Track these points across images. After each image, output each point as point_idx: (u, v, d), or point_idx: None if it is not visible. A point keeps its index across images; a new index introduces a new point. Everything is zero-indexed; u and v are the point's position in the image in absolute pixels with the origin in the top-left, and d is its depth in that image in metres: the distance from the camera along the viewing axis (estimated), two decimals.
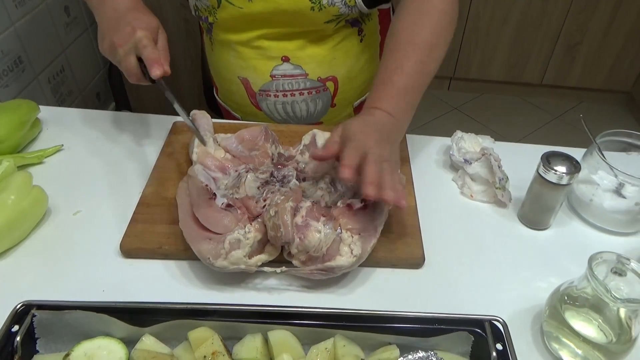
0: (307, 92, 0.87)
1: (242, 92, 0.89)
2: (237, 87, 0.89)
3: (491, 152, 0.74)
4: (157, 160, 0.78)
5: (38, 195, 0.68)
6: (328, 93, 0.89)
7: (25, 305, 0.53)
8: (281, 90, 0.86)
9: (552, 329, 0.55)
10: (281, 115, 0.90)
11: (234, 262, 0.57)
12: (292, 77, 0.86)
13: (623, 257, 0.52)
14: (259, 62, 0.85)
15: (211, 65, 0.93)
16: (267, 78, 0.85)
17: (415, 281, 0.64)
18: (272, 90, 0.87)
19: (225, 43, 0.85)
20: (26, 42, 1.32)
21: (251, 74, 0.86)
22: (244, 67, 0.86)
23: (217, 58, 0.89)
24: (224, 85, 0.93)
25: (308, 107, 0.89)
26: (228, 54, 0.86)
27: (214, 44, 0.88)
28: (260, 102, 0.89)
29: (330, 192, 0.66)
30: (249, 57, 0.85)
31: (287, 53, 0.84)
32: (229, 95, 0.94)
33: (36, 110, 0.83)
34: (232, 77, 0.88)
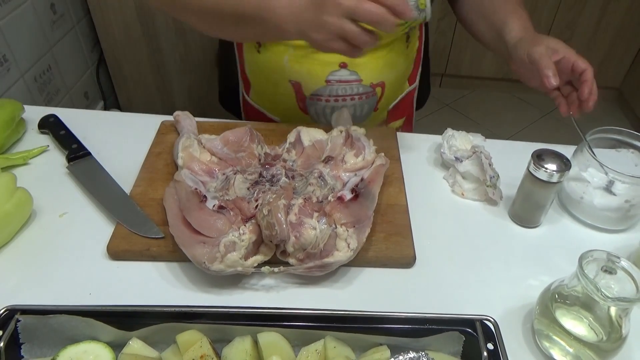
0: (357, 97, 0.87)
1: (290, 96, 0.88)
2: (286, 90, 0.87)
3: (482, 150, 0.73)
4: (145, 160, 0.77)
5: (22, 197, 0.66)
6: (375, 98, 0.89)
7: (9, 310, 0.52)
8: (334, 95, 0.86)
9: (543, 328, 0.55)
10: (327, 119, 0.90)
11: (231, 265, 0.57)
12: (347, 82, 0.85)
13: (613, 255, 0.51)
14: (315, 67, 0.84)
15: (252, 66, 0.90)
16: (321, 83, 0.85)
17: (406, 280, 0.64)
18: (324, 95, 0.86)
19: (280, 45, 0.83)
20: (11, 41, 1.30)
21: (305, 78, 0.85)
22: (298, 71, 0.84)
23: (265, 61, 0.86)
24: (266, 87, 0.90)
25: (355, 112, 0.89)
26: (281, 57, 0.84)
27: (263, 46, 0.85)
28: (310, 106, 0.88)
29: (320, 187, 0.66)
30: (306, 61, 0.83)
31: (346, 59, 0.83)
32: (271, 97, 0.91)
33: (20, 110, 0.82)
34: (282, 81, 0.87)
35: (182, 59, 1.77)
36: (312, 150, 0.74)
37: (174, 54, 1.76)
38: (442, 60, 2.40)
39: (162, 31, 1.69)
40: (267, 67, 0.87)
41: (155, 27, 1.68)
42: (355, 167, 0.70)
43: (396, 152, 0.80)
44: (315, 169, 0.68)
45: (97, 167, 0.76)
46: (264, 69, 0.88)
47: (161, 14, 1.65)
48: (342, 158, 0.71)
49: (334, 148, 0.73)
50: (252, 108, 0.95)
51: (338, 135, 0.75)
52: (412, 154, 0.83)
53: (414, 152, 0.83)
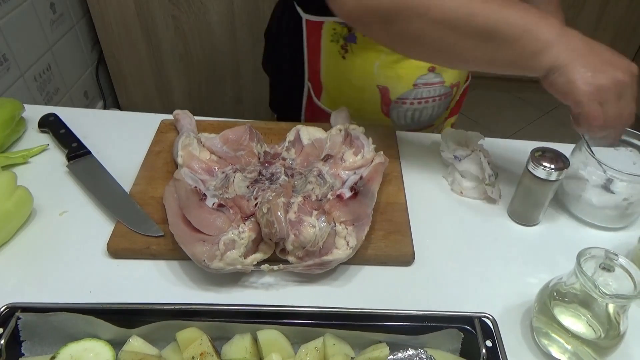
0: (438, 99, 0.89)
1: (375, 100, 0.88)
2: (371, 95, 0.88)
3: (481, 149, 0.74)
4: (145, 158, 0.77)
5: (23, 196, 0.67)
6: (451, 97, 0.91)
7: (10, 307, 0.52)
8: (418, 98, 0.87)
9: (541, 325, 0.56)
10: (407, 121, 0.91)
11: (230, 263, 0.57)
12: (432, 85, 0.86)
13: (611, 252, 0.52)
14: (405, 71, 0.84)
15: (333, 72, 0.89)
16: (409, 87, 0.86)
17: (405, 278, 0.64)
18: (409, 98, 0.87)
19: (371, 51, 0.83)
20: (11, 40, 1.30)
21: (394, 82, 0.86)
22: (388, 76, 0.85)
23: (351, 66, 0.86)
24: (347, 92, 0.90)
25: (432, 113, 0.91)
26: (371, 63, 0.84)
27: (349, 51, 0.84)
28: (393, 109, 0.89)
29: (320, 185, 0.66)
30: (396, 66, 0.84)
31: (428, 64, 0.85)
32: (350, 101, 0.89)
33: (20, 109, 0.82)
34: (368, 86, 0.87)
35: (181, 58, 1.77)
36: (311, 148, 0.74)
37: (173, 54, 1.76)
38: None
39: (161, 30, 1.69)
40: (353, 73, 0.87)
41: (154, 27, 1.69)
42: (355, 166, 0.70)
43: (395, 150, 0.80)
44: (315, 167, 0.69)
45: (97, 166, 0.76)
46: (348, 75, 0.87)
47: (160, 13, 1.65)
48: (341, 156, 0.71)
49: (333, 146, 0.73)
50: (323, 113, 0.94)
51: (337, 133, 0.75)
52: (411, 152, 0.83)
53: (413, 150, 0.83)
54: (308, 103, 0.95)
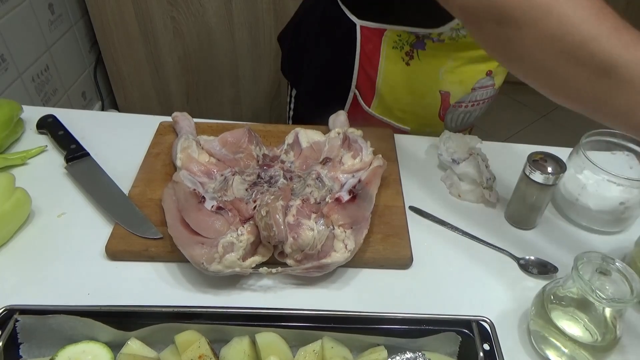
0: (486, 101, 0.91)
1: (435, 105, 0.89)
2: (432, 100, 0.89)
3: (479, 152, 0.74)
4: (143, 160, 0.77)
5: (21, 197, 0.66)
6: (492, 100, 0.93)
7: (8, 310, 0.52)
8: (473, 100, 0.89)
9: (538, 328, 0.56)
10: (455, 123, 0.92)
11: (229, 266, 0.57)
12: (485, 88, 0.88)
13: (608, 257, 0.52)
14: (467, 76, 0.86)
15: (389, 77, 0.87)
16: (467, 91, 0.87)
17: (403, 281, 0.64)
18: (465, 102, 0.89)
19: (438, 58, 0.84)
20: (9, 40, 1.30)
21: (456, 87, 0.87)
22: (452, 81, 0.86)
23: (414, 72, 0.85)
24: (406, 98, 0.89)
25: (478, 114, 0.93)
26: (436, 69, 0.85)
27: (415, 57, 0.84)
28: (449, 113, 0.90)
29: (318, 188, 0.66)
30: (459, 71, 0.85)
31: (492, 67, 0.86)
32: (408, 108, 0.88)
33: (19, 110, 0.82)
34: (431, 91, 0.87)
35: (180, 60, 1.77)
36: (310, 151, 0.74)
37: (172, 55, 1.76)
38: None
39: (160, 31, 1.69)
40: (417, 79, 0.86)
41: (153, 28, 1.69)
42: (353, 169, 0.70)
43: (393, 153, 0.80)
44: (313, 170, 0.69)
45: (96, 168, 0.76)
46: (411, 81, 0.86)
47: (159, 15, 1.65)
48: (339, 159, 0.71)
49: (332, 149, 0.73)
50: (372, 119, 0.92)
51: (336, 137, 0.75)
52: (409, 155, 0.83)
53: (411, 153, 0.84)
54: (352, 110, 0.92)
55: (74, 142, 0.79)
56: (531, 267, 0.66)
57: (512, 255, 0.67)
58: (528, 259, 0.67)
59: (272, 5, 1.63)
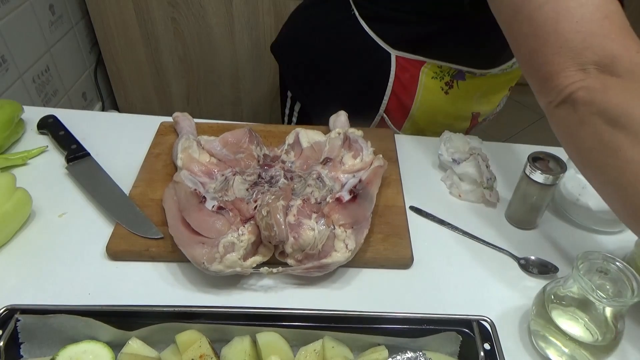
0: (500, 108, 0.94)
1: (464, 124, 0.92)
2: (463, 120, 0.91)
3: (479, 152, 0.74)
4: (144, 161, 0.77)
5: (22, 197, 0.67)
6: None
7: (9, 309, 0.52)
8: (494, 113, 0.91)
9: (539, 328, 0.56)
10: None
11: (230, 266, 0.57)
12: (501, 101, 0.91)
13: (609, 256, 0.52)
14: (496, 96, 0.88)
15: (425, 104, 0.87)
16: (494, 107, 0.90)
17: (404, 281, 0.64)
18: (489, 117, 0.91)
19: (477, 86, 0.85)
20: (10, 41, 1.30)
21: (485, 107, 0.89)
22: (482, 102, 0.88)
23: (452, 100, 0.86)
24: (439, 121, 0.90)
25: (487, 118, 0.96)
26: (472, 95, 0.87)
27: (454, 87, 0.85)
28: (473, 128, 0.93)
29: (319, 188, 0.66)
30: (491, 92, 0.87)
31: (513, 83, 0.88)
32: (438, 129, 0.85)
33: (20, 111, 0.82)
34: (464, 114, 0.90)
35: (180, 61, 1.77)
36: (310, 151, 0.74)
37: (172, 56, 1.76)
38: None
39: (160, 33, 1.70)
40: (454, 105, 0.87)
41: (153, 29, 1.69)
42: (354, 169, 0.70)
43: (394, 153, 0.81)
44: (314, 170, 0.69)
45: (96, 168, 0.76)
46: (448, 107, 0.88)
47: (160, 16, 1.66)
48: (340, 160, 0.71)
49: (332, 150, 0.73)
50: None
51: (336, 137, 0.75)
52: (409, 155, 0.83)
53: (411, 153, 0.84)
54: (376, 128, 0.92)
55: (74, 143, 0.79)
56: (531, 267, 0.66)
57: (513, 255, 0.68)
58: (528, 258, 0.67)
59: (272, 6, 1.63)
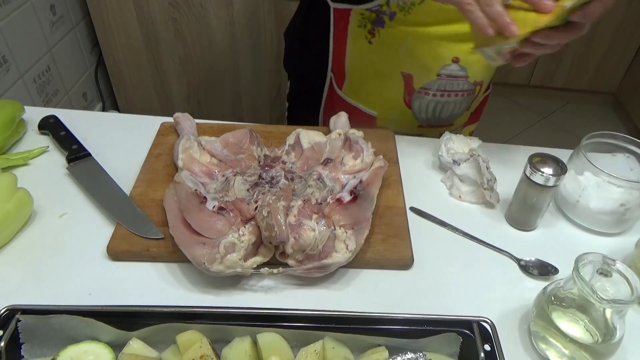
0: (460, 94, 0.89)
1: (398, 88, 0.89)
2: (394, 82, 0.88)
3: (480, 154, 0.74)
4: (145, 161, 0.77)
5: (23, 198, 0.67)
6: (472, 96, 0.91)
7: (10, 309, 0.52)
8: (441, 90, 0.87)
9: (539, 329, 0.56)
10: (427, 114, 0.91)
11: (230, 266, 0.57)
12: (455, 78, 0.87)
13: (609, 258, 0.52)
14: (430, 59, 0.85)
15: (357, 58, 0.89)
16: (433, 76, 0.86)
17: (404, 282, 0.64)
18: (432, 89, 0.87)
19: (398, 37, 0.84)
20: (11, 41, 1.30)
21: (418, 70, 0.86)
22: (413, 63, 0.85)
23: (376, 52, 0.86)
24: (371, 80, 0.90)
25: (453, 109, 0.91)
26: (397, 49, 0.85)
27: (376, 36, 0.85)
28: (415, 99, 0.89)
29: (319, 189, 0.66)
30: (422, 54, 0.84)
31: (459, 54, 0.84)
32: (374, 90, 0.91)
33: (21, 111, 0.82)
34: (393, 73, 0.87)
35: (181, 61, 1.77)
36: (311, 152, 0.74)
37: (173, 56, 1.76)
38: None
39: (161, 33, 1.70)
40: (378, 58, 0.87)
41: (154, 29, 1.69)
42: (354, 170, 0.70)
43: (394, 154, 0.81)
44: (314, 171, 0.69)
45: (97, 168, 0.76)
46: (374, 60, 0.87)
47: (160, 16, 1.66)
48: (340, 160, 0.71)
49: (333, 150, 0.73)
50: (343, 103, 0.95)
51: (337, 137, 0.75)
52: (410, 156, 0.83)
53: (412, 154, 0.84)
54: (329, 94, 0.96)
55: (75, 143, 0.79)
56: (531, 268, 0.66)
57: (513, 257, 0.68)
58: (528, 260, 0.67)
59: (272, 6, 1.63)
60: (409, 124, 0.91)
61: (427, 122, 0.92)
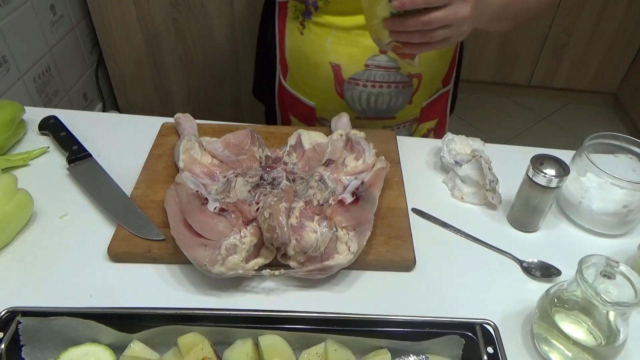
0: (394, 86, 0.88)
1: (329, 78, 0.89)
2: (325, 72, 0.88)
3: (482, 155, 0.74)
4: (146, 162, 0.77)
5: (23, 199, 0.66)
6: (411, 89, 0.90)
7: (10, 311, 0.52)
8: (371, 80, 0.87)
9: (542, 332, 0.56)
10: (362, 105, 0.91)
11: (232, 268, 0.57)
12: (385, 69, 0.86)
13: (612, 260, 0.52)
14: (356, 49, 0.85)
15: (293, 48, 0.91)
16: (360, 67, 0.86)
17: (406, 284, 0.64)
18: (362, 80, 0.87)
19: (324, 27, 0.84)
20: (11, 41, 1.30)
21: (345, 60, 0.86)
22: (340, 53, 0.85)
23: (307, 42, 0.87)
24: (305, 70, 0.91)
25: (390, 101, 0.90)
26: (324, 39, 0.85)
27: (306, 27, 0.86)
28: (346, 90, 0.89)
29: (321, 190, 0.66)
30: (348, 43, 0.84)
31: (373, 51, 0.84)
32: (308, 80, 0.92)
33: (21, 112, 0.82)
34: (322, 62, 0.87)
35: (181, 61, 1.77)
36: (312, 153, 0.74)
37: (173, 56, 1.76)
38: None
39: (161, 33, 1.69)
40: (309, 49, 0.88)
41: (154, 29, 1.68)
42: (356, 171, 0.70)
43: (396, 155, 0.80)
44: (316, 172, 0.69)
45: (98, 169, 0.76)
46: (305, 51, 0.88)
47: (161, 16, 1.65)
48: (342, 161, 0.71)
49: (335, 151, 0.73)
50: (288, 94, 0.96)
51: (338, 138, 0.75)
52: (411, 157, 0.83)
53: (413, 155, 0.83)
54: (279, 86, 0.98)
55: (76, 144, 0.79)
56: (534, 270, 0.66)
57: (515, 258, 0.67)
58: (531, 261, 0.67)
59: None
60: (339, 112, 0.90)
61: (363, 114, 0.92)
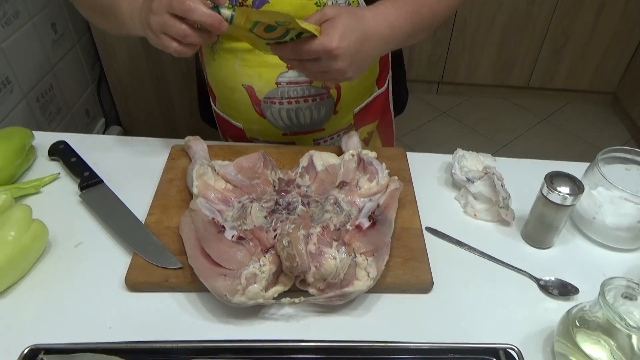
0: (311, 99, 0.87)
1: (246, 101, 0.89)
2: (241, 95, 0.88)
3: (494, 171, 0.74)
4: (158, 187, 0.77)
5: (38, 230, 0.66)
6: (331, 100, 0.89)
7: (33, 349, 0.52)
8: (286, 97, 0.86)
9: (564, 352, 0.56)
10: (285, 122, 0.90)
11: (252, 297, 0.57)
12: (297, 84, 0.85)
13: (633, 281, 0.52)
14: (264, 69, 0.84)
15: (211, 75, 0.92)
16: (272, 85, 0.85)
17: (424, 306, 0.64)
18: (277, 98, 0.86)
19: (230, 51, 0.85)
20: (13, 62, 1.30)
21: (256, 81, 0.86)
22: (249, 75, 0.85)
23: (219, 67, 0.88)
24: (225, 94, 0.92)
25: (312, 114, 0.89)
26: (232, 63, 0.85)
27: (216, 53, 0.87)
28: (265, 109, 0.88)
29: (337, 213, 0.66)
30: (255, 64, 0.84)
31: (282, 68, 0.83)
32: (231, 104, 0.93)
33: (31, 138, 0.82)
34: (236, 86, 0.88)
35: (182, 75, 1.77)
36: (325, 174, 0.74)
37: (174, 70, 1.75)
38: (439, 68, 2.42)
39: None
40: (222, 74, 0.89)
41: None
42: (370, 192, 0.70)
43: (407, 173, 0.80)
44: (331, 195, 0.69)
45: (110, 195, 0.76)
46: (220, 76, 0.89)
47: None
48: (356, 183, 0.71)
49: (347, 172, 0.73)
50: (220, 117, 0.97)
51: (350, 159, 0.75)
52: (422, 174, 0.83)
53: (424, 172, 0.83)
54: (215, 111, 0.99)
55: (87, 169, 0.79)
56: (551, 288, 0.66)
57: (532, 276, 0.67)
58: (548, 279, 0.67)
59: None
60: (272, 134, 0.92)
61: (289, 130, 0.92)
